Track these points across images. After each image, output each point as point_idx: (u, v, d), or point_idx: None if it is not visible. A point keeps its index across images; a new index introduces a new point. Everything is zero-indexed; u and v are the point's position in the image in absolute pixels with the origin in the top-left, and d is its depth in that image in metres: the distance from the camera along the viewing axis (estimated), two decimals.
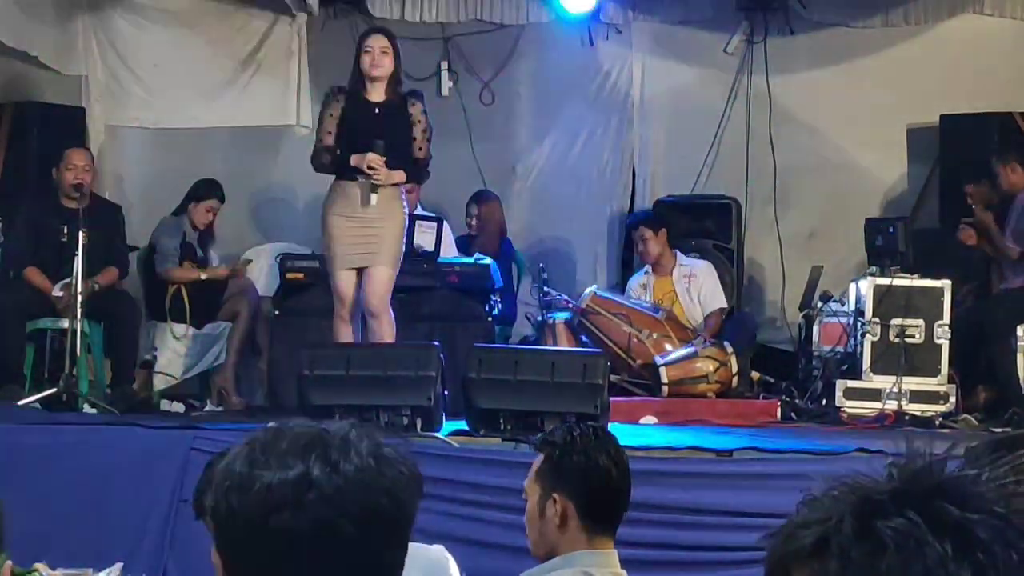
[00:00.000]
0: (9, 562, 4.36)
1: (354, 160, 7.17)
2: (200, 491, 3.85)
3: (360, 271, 7.31)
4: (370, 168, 7.10)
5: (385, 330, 7.26)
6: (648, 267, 9.14)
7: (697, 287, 9.02)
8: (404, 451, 1.75)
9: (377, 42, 7.33)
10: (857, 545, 1.09)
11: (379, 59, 7.27)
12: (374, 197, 7.13)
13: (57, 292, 8.05)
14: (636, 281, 9.20)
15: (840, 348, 8.48)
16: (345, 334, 7.35)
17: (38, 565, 4.62)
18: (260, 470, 1.67)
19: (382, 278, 7.25)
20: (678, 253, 9.12)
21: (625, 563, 3.57)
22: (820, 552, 1.10)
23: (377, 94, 7.31)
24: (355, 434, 1.71)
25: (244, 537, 1.67)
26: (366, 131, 7.20)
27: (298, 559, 1.66)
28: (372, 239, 7.22)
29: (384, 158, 7.11)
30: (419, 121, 7.33)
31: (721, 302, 9.01)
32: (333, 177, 7.40)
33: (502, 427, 6.73)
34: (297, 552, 1.66)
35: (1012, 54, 9.75)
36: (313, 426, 1.74)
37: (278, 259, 8.89)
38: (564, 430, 3.65)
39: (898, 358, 8.07)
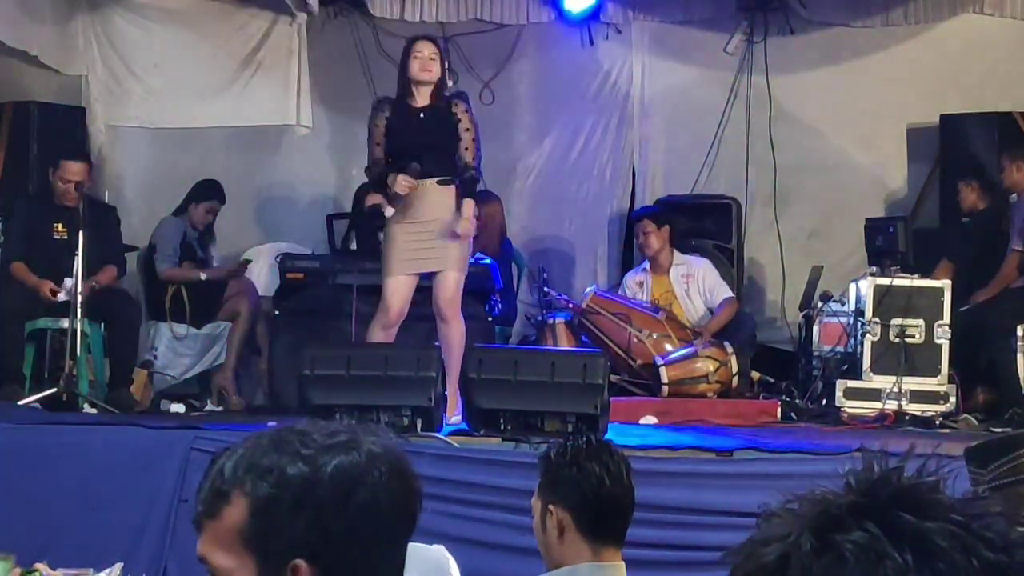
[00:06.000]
0: (18, 569, 4.36)
1: (390, 183, 7.26)
2: (211, 495, 3.83)
3: (420, 276, 7.33)
4: (401, 187, 7.17)
5: (454, 335, 7.28)
6: (646, 264, 9.12)
7: (698, 286, 9.00)
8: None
9: (427, 48, 7.36)
10: (817, 561, 1.09)
11: (429, 64, 7.29)
12: (388, 210, 7.22)
13: (63, 296, 8.04)
14: (632, 278, 9.18)
15: (840, 348, 8.48)
16: (380, 340, 7.31)
17: (38, 565, 4.63)
18: (325, 456, 1.69)
19: (449, 282, 7.28)
20: (675, 251, 9.11)
21: (625, 563, 3.57)
22: (782, 569, 1.10)
23: (423, 99, 7.33)
24: (364, 426, 1.78)
25: (355, 526, 1.68)
26: (412, 139, 7.23)
27: (386, 535, 1.69)
28: (435, 243, 7.23)
29: (416, 182, 7.15)
30: (461, 120, 7.34)
31: (727, 292, 8.98)
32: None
33: (502, 427, 6.72)
34: (383, 527, 1.69)
35: (1012, 54, 9.75)
36: (320, 423, 1.76)
37: (278, 259, 8.89)
38: (560, 443, 3.67)
39: (898, 358, 8.06)
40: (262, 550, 1.68)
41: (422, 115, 7.30)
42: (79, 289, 7.77)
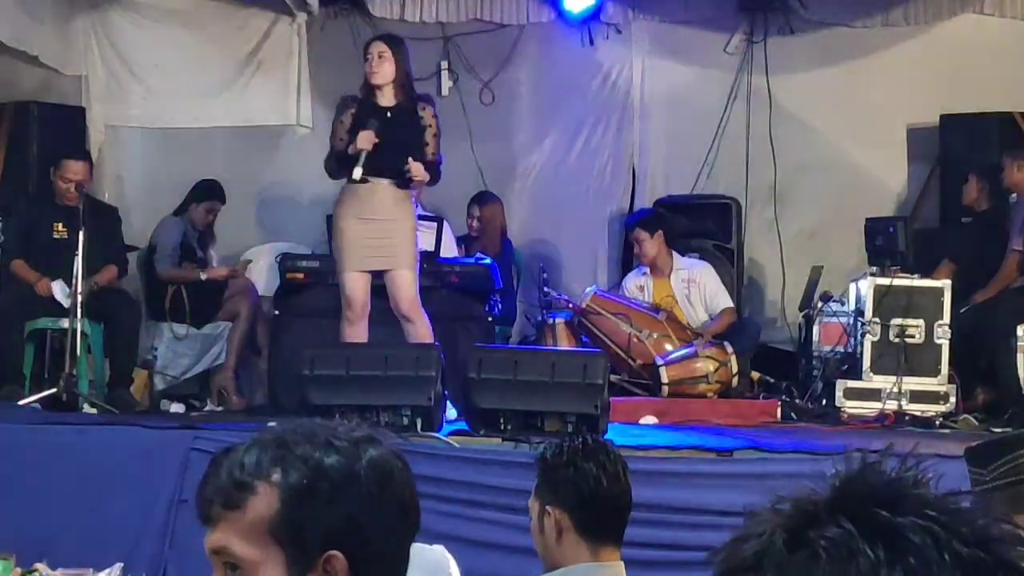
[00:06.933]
0: (18, 569, 4.36)
1: (351, 150, 7.24)
2: (231, 487, 3.83)
3: (374, 274, 7.36)
4: (364, 141, 7.17)
5: (421, 332, 7.33)
6: (646, 268, 9.12)
7: (699, 292, 8.99)
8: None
9: (375, 48, 7.39)
10: (791, 557, 1.09)
11: (376, 65, 7.31)
12: (358, 171, 7.19)
13: (61, 298, 8.04)
14: (632, 281, 9.17)
15: (840, 348, 8.48)
16: (352, 335, 7.36)
17: (38, 565, 4.63)
18: (358, 448, 1.70)
19: (405, 281, 7.33)
20: (675, 254, 9.10)
21: (625, 563, 3.57)
22: (757, 566, 1.10)
23: (386, 99, 7.36)
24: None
25: (357, 518, 1.68)
26: (377, 135, 7.22)
27: (406, 528, 1.71)
28: (385, 241, 7.26)
29: (375, 137, 7.17)
30: (430, 125, 7.36)
31: (728, 301, 9.00)
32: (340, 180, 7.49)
33: (502, 427, 6.73)
34: (406, 521, 1.70)
35: (1012, 54, 9.75)
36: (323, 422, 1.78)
37: (278, 259, 8.89)
38: (556, 444, 3.67)
39: (898, 358, 8.06)
40: (293, 541, 1.66)
41: (388, 114, 7.32)
42: (79, 289, 7.77)
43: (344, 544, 1.66)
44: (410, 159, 7.19)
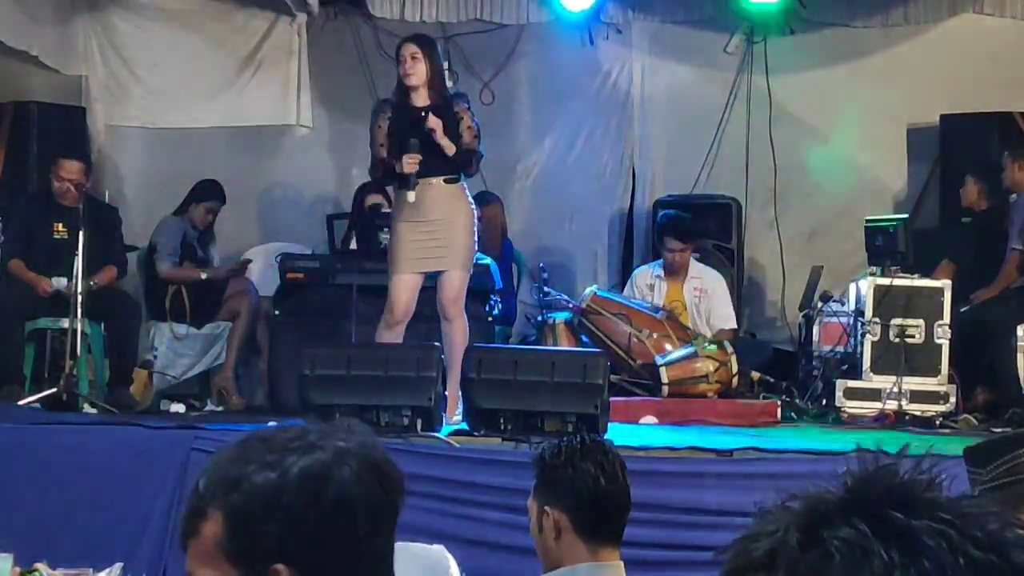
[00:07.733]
0: (17, 568, 4.36)
1: (399, 169, 7.22)
2: (189, 514, 3.82)
3: (426, 275, 7.34)
4: (409, 166, 7.14)
5: (457, 335, 7.29)
6: (660, 271, 9.07)
7: (707, 304, 8.95)
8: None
9: (407, 49, 7.36)
10: (804, 557, 1.09)
11: (410, 66, 7.29)
12: (411, 195, 7.16)
13: (56, 286, 8.04)
14: (643, 278, 9.10)
15: (840, 348, 8.48)
16: (386, 339, 7.33)
17: (38, 565, 4.63)
18: (288, 459, 1.70)
19: (453, 281, 7.30)
20: (692, 261, 9.06)
21: (625, 563, 3.57)
22: (769, 564, 1.10)
23: (421, 99, 7.33)
24: (337, 424, 1.79)
25: (329, 525, 1.69)
26: (414, 136, 7.21)
27: (359, 530, 1.71)
28: (438, 242, 7.24)
29: (419, 156, 7.15)
30: (462, 118, 7.36)
31: (730, 322, 8.96)
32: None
33: (502, 427, 6.73)
34: (355, 523, 1.70)
35: (1012, 54, 9.75)
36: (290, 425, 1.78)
37: (278, 259, 8.89)
38: (554, 444, 3.67)
39: (898, 358, 8.06)
40: (242, 561, 1.70)
41: (423, 114, 7.30)
42: (79, 289, 7.76)
43: (287, 557, 1.68)
44: (404, 158, 7.18)
